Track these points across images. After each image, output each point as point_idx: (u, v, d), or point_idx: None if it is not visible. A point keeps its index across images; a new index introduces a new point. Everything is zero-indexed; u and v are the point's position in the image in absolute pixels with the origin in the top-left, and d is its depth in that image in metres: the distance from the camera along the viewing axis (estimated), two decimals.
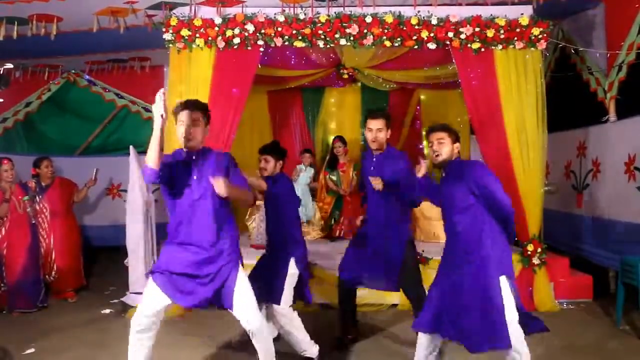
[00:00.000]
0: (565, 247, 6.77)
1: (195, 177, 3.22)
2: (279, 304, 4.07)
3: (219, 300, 3.28)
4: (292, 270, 4.13)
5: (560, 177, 7.14)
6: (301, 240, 4.32)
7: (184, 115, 3.22)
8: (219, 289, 3.23)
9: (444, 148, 3.45)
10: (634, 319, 5.00)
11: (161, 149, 3.01)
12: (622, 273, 4.97)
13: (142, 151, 6.86)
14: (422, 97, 9.02)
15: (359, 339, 4.62)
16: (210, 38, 5.47)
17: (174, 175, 3.18)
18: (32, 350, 4.50)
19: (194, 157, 3.28)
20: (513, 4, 5.61)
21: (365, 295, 5.18)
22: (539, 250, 5.59)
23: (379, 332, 4.91)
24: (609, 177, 6.02)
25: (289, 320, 4.10)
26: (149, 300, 3.18)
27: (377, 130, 4.17)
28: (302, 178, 7.47)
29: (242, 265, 3.42)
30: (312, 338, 4.22)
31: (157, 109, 2.95)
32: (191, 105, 3.28)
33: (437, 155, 3.46)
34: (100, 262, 7.78)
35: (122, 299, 5.77)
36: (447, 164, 3.48)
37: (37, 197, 6.06)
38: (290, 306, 4.13)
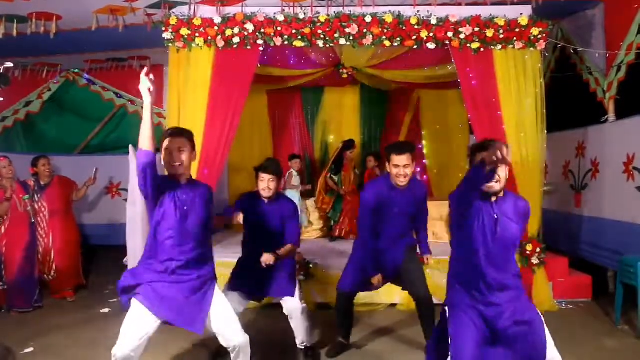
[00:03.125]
0: (564, 247, 6.77)
1: (185, 208, 3.13)
2: (293, 295, 4.12)
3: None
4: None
5: (558, 177, 7.14)
6: None
7: (168, 142, 3.11)
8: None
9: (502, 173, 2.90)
10: (632, 319, 5.00)
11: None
12: (621, 273, 4.98)
13: None
14: (421, 96, 9.02)
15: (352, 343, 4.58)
16: (209, 37, 5.47)
17: (161, 195, 3.09)
18: (31, 349, 4.50)
19: (181, 186, 3.17)
20: (512, 4, 5.61)
21: (362, 295, 5.09)
22: (538, 250, 5.59)
23: (377, 332, 4.91)
24: (607, 177, 6.02)
25: (297, 315, 4.15)
26: None
27: (403, 167, 3.88)
28: (294, 181, 7.47)
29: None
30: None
31: (144, 85, 2.81)
32: (176, 132, 3.18)
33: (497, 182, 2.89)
34: (99, 261, 7.78)
35: None
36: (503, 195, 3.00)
37: (35, 196, 6.05)
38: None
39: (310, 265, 5.68)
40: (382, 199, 4.02)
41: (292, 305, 4.12)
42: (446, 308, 3.08)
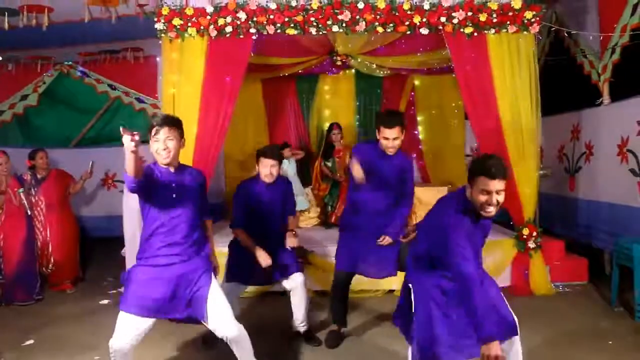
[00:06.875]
0: (560, 231, 6.80)
1: (174, 196, 3.16)
2: (300, 270, 4.28)
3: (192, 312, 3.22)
4: None
5: (553, 161, 7.15)
6: None
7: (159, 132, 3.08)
8: (190, 300, 3.21)
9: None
10: (628, 300, 5.03)
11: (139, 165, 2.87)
12: (617, 255, 5.01)
13: None
14: (416, 82, 9.01)
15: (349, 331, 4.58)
16: (202, 27, 5.44)
17: (152, 188, 3.11)
18: (32, 341, 4.53)
19: (172, 174, 3.21)
20: None
21: (360, 280, 4.94)
22: (535, 234, 5.61)
23: (376, 319, 4.94)
24: (601, 160, 6.03)
25: (302, 289, 4.26)
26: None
27: (393, 140, 3.97)
28: (289, 170, 7.38)
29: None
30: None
31: (128, 146, 2.71)
32: (167, 122, 3.13)
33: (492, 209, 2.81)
34: (97, 252, 7.78)
35: (119, 290, 5.79)
36: None
37: (32, 190, 6.05)
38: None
39: (307, 252, 5.70)
40: (373, 159, 4.13)
41: (299, 279, 4.23)
42: (410, 285, 3.20)
